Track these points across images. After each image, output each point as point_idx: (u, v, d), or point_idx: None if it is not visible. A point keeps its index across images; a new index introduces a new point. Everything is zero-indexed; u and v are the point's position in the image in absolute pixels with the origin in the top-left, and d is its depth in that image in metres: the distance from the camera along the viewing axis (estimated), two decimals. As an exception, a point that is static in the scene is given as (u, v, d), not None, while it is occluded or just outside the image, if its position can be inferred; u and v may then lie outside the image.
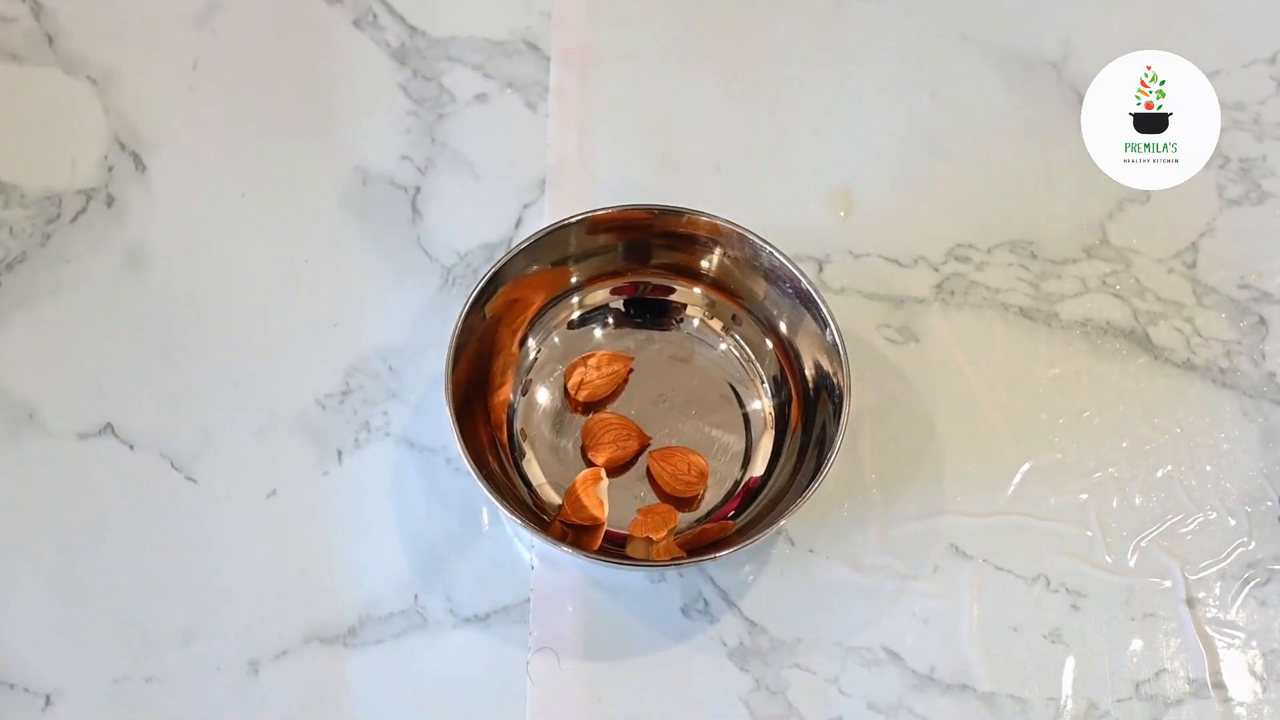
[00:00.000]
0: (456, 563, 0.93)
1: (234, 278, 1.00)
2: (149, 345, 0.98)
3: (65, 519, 0.93)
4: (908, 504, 0.95)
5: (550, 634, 0.91)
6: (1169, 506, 0.95)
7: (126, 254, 1.01)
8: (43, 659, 0.90)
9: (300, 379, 0.97)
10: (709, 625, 0.92)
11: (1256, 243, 1.03)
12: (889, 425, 0.97)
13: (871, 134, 1.06)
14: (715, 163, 1.04)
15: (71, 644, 0.90)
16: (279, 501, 0.94)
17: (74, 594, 0.91)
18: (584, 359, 0.96)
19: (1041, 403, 0.98)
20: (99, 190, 1.03)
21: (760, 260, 0.94)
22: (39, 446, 0.95)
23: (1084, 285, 1.01)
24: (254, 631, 0.91)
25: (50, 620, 0.91)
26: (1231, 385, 0.99)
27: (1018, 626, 0.92)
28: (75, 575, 0.92)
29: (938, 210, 1.04)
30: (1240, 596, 0.93)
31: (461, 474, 0.94)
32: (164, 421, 0.96)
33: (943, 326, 1.00)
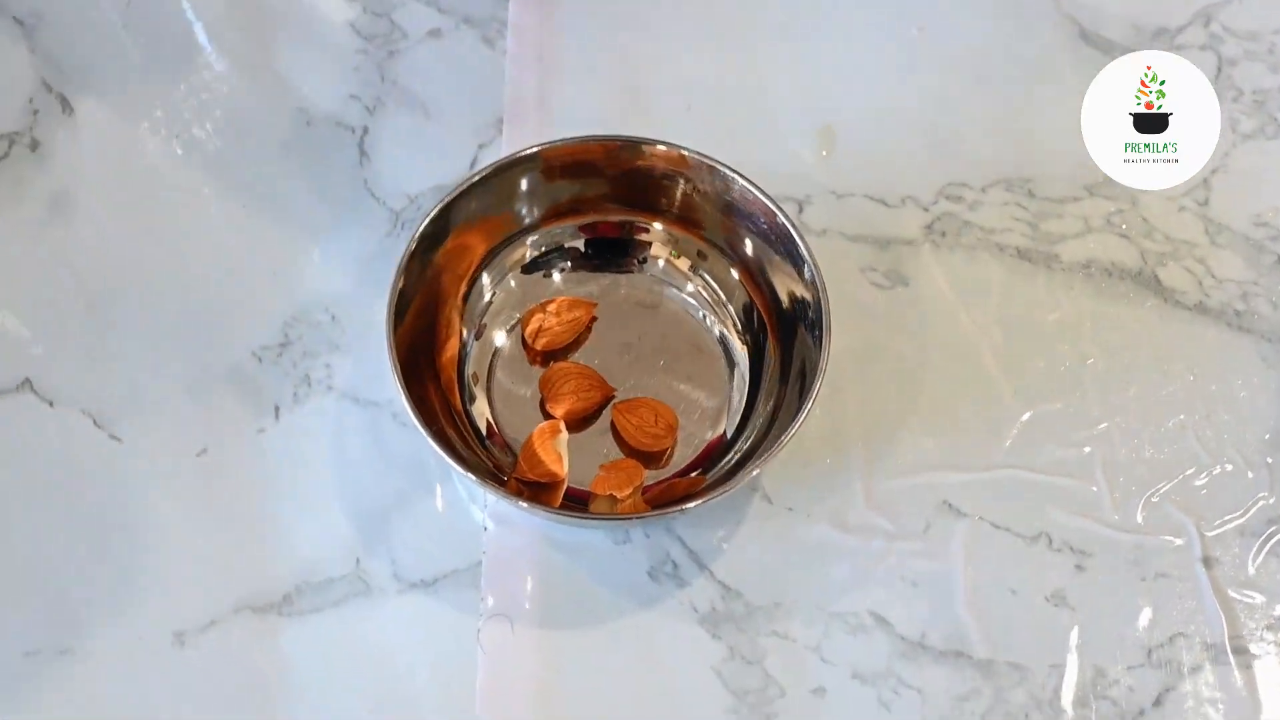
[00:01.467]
0: (402, 524, 0.86)
1: (164, 225, 0.94)
2: (71, 296, 0.91)
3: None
4: (896, 458, 0.88)
5: (504, 600, 0.84)
6: (1182, 459, 0.88)
7: (50, 200, 0.94)
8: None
9: (235, 330, 0.91)
10: (678, 589, 0.84)
11: (1272, 178, 0.97)
12: (875, 374, 0.90)
13: (856, 68, 1.00)
14: (686, 100, 0.98)
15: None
16: (210, 461, 0.87)
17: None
18: (542, 305, 0.89)
19: (1041, 349, 0.91)
20: (22, 134, 0.96)
21: (732, 194, 0.87)
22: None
23: (1086, 225, 0.95)
24: (180, 600, 0.83)
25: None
26: (1248, 328, 0.92)
27: (1017, 589, 0.85)
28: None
29: (927, 147, 0.97)
30: (1261, 554, 0.85)
31: (408, 429, 0.87)
32: (87, 377, 0.89)
33: (934, 270, 0.93)
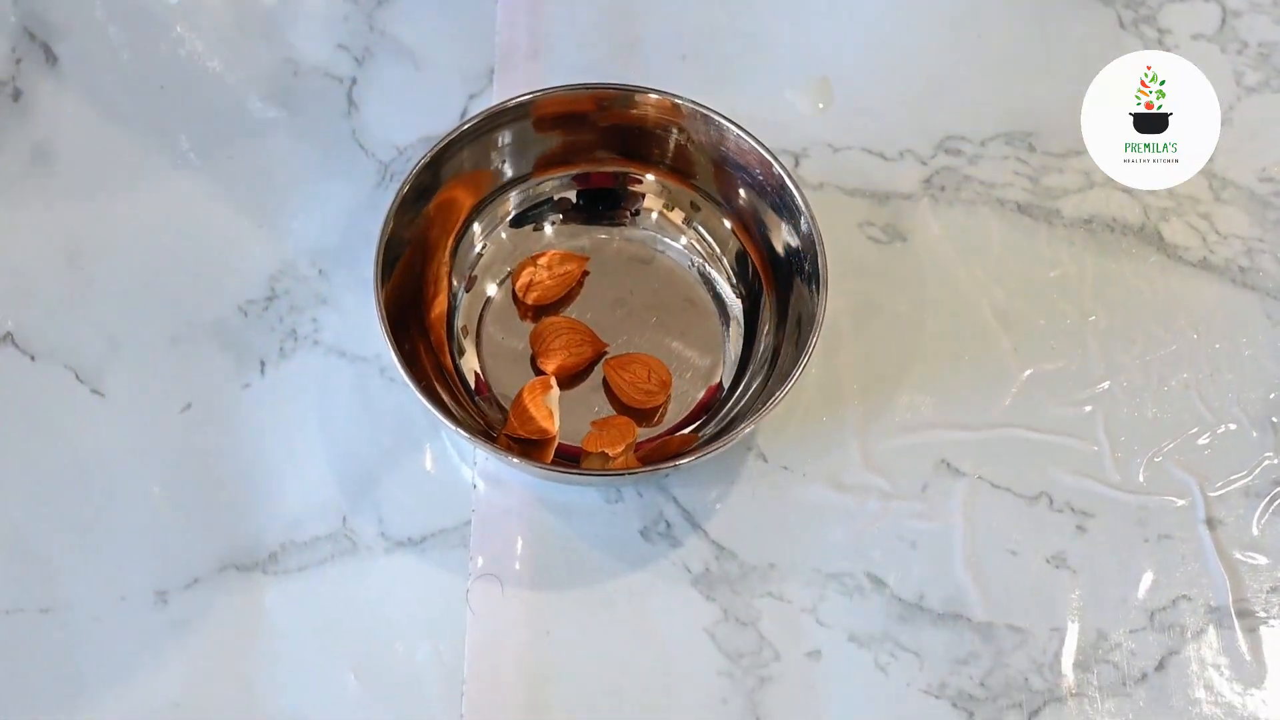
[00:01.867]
0: (390, 482, 0.84)
1: (148, 176, 0.91)
2: (53, 248, 0.89)
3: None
4: (893, 416, 0.86)
5: (493, 559, 0.82)
6: (1185, 418, 0.86)
7: (32, 151, 0.92)
8: (-75, 588, 0.81)
9: (220, 284, 0.89)
10: (671, 550, 0.83)
11: (1278, 132, 0.94)
12: (872, 331, 0.88)
13: (852, 18, 0.98)
14: (681, 49, 0.96)
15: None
16: (194, 416, 0.85)
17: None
18: (533, 258, 0.87)
19: (1042, 306, 0.89)
20: (5, 84, 0.94)
21: (727, 145, 0.85)
22: (-71, 358, 0.86)
23: (1088, 180, 0.93)
24: (163, 558, 0.82)
25: (-67, 545, 0.82)
26: (1253, 285, 0.90)
27: (1017, 550, 0.83)
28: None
29: (925, 100, 0.95)
30: (1266, 515, 0.84)
31: (397, 385, 0.85)
32: (68, 330, 0.87)
33: (932, 225, 0.91)
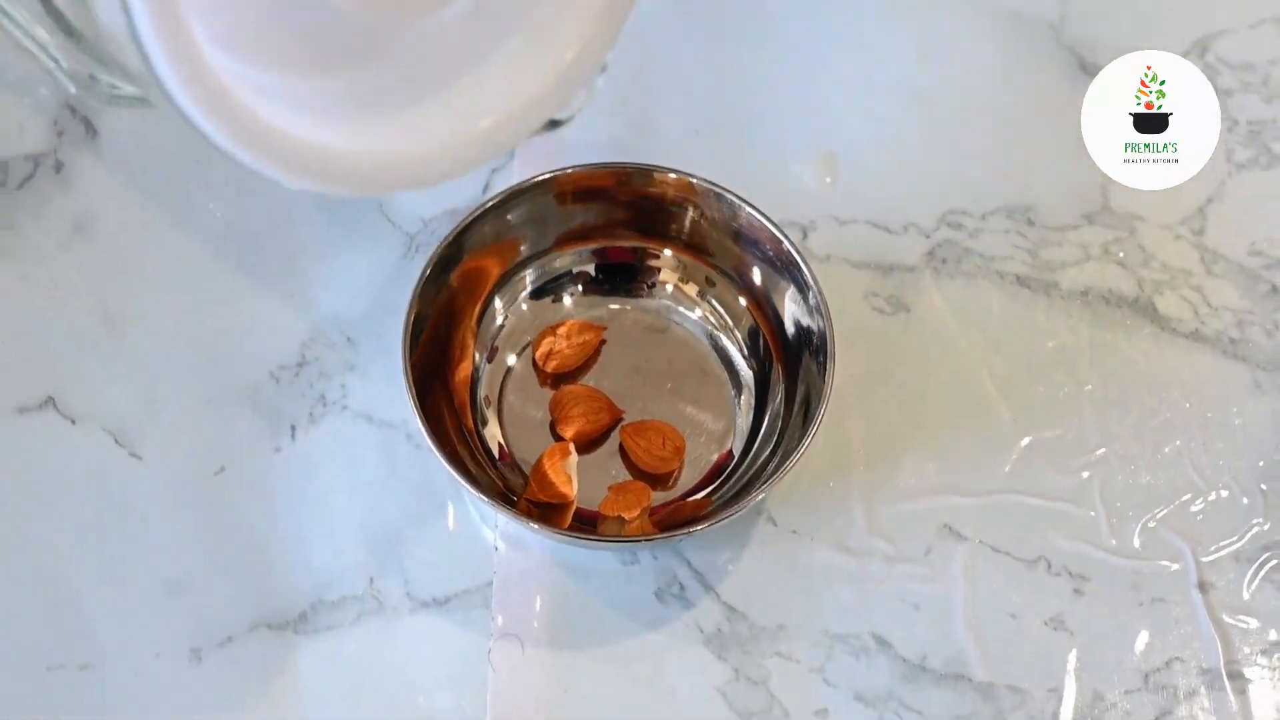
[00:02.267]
0: (415, 544, 0.87)
1: (184, 247, 0.95)
2: (93, 316, 0.93)
3: (1, 496, 0.88)
4: (897, 482, 0.89)
5: (514, 619, 0.85)
6: (1178, 485, 0.89)
7: (73, 221, 0.96)
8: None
9: (253, 351, 0.92)
10: (684, 611, 0.86)
11: (1268, 208, 0.98)
12: (877, 399, 0.91)
13: (858, 96, 1.01)
14: (694, 126, 0.99)
15: (3, 629, 0.85)
16: (227, 478, 0.89)
17: (6, 575, 0.86)
18: (553, 328, 0.91)
19: (1040, 375, 0.92)
20: (47, 156, 0.98)
21: (739, 221, 0.89)
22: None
23: (1085, 253, 0.96)
24: (198, 616, 0.85)
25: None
26: (1243, 357, 0.93)
27: (1016, 612, 0.86)
28: (9, 555, 0.86)
29: (929, 175, 0.98)
30: (1256, 580, 0.87)
31: (422, 450, 0.89)
32: (108, 396, 0.91)
33: (935, 296, 0.95)
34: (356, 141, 0.63)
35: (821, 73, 1.02)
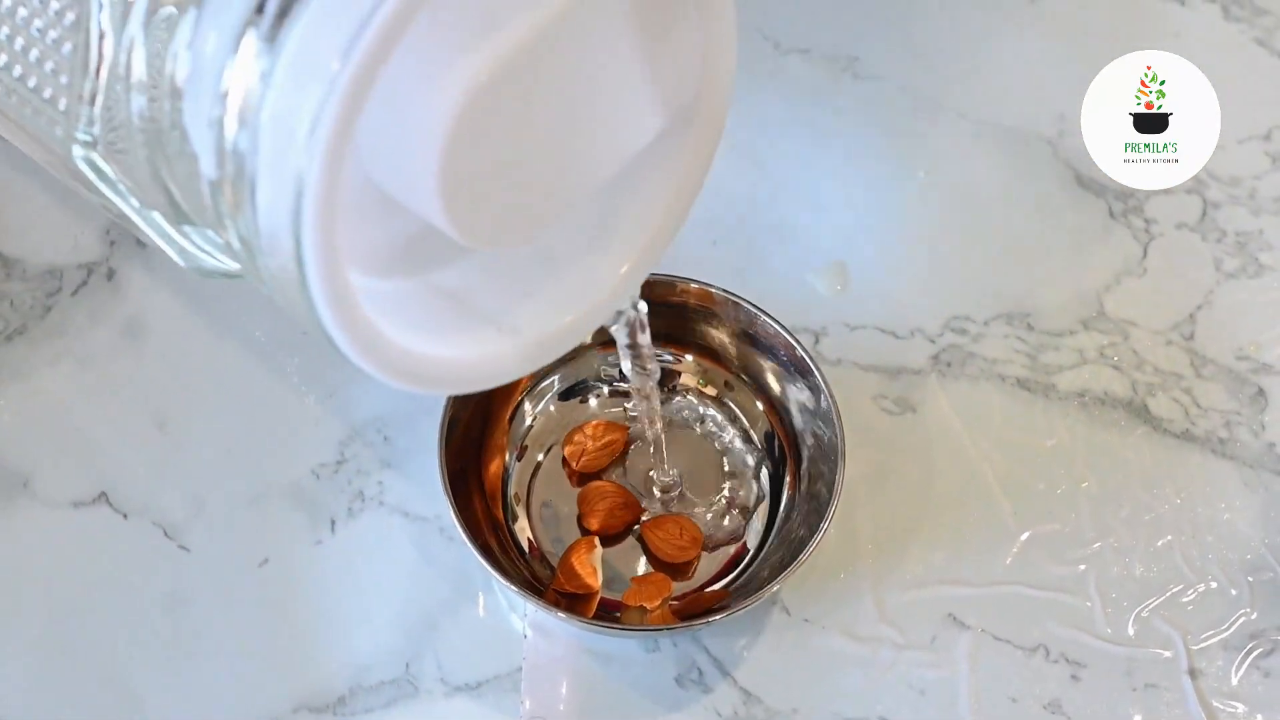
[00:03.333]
0: (449, 631, 0.92)
1: (229, 349, 1.00)
2: (143, 415, 0.98)
3: (57, 586, 0.93)
4: (904, 573, 0.94)
5: (542, 703, 0.90)
6: (1169, 576, 0.94)
7: (124, 326, 1.01)
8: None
9: (294, 448, 0.97)
10: (703, 695, 0.90)
11: (1254, 315, 1.02)
12: (885, 494, 0.96)
13: (867, 209, 1.06)
14: (711, 236, 1.05)
15: (58, 714, 0.89)
16: (271, 570, 0.93)
17: (62, 660, 0.91)
18: (580, 428, 0.96)
19: (1040, 472, 0.97)
20: (100, 264, 1.03)
21: (755, 329, 0.94)
22: (33, 515, 0.94)
23: (1081, 357, 1.01)
24: (243, 700, 0.90)
25: (37, 687, 0.90)
26: (1231, 456, 0.98)
27: (1016, 697, 0.90)
28: (65, 642, 0.91)
29: (934, 283, 1.03)
30: (1243, 668, 0.91)
31: (455, 543, 0.93)
32: (157, 491, 0.96)
33: (940, 397, 0.99)
34: (452, 348, 0.67)
35: (832, 188, 1.07)
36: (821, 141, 1.09)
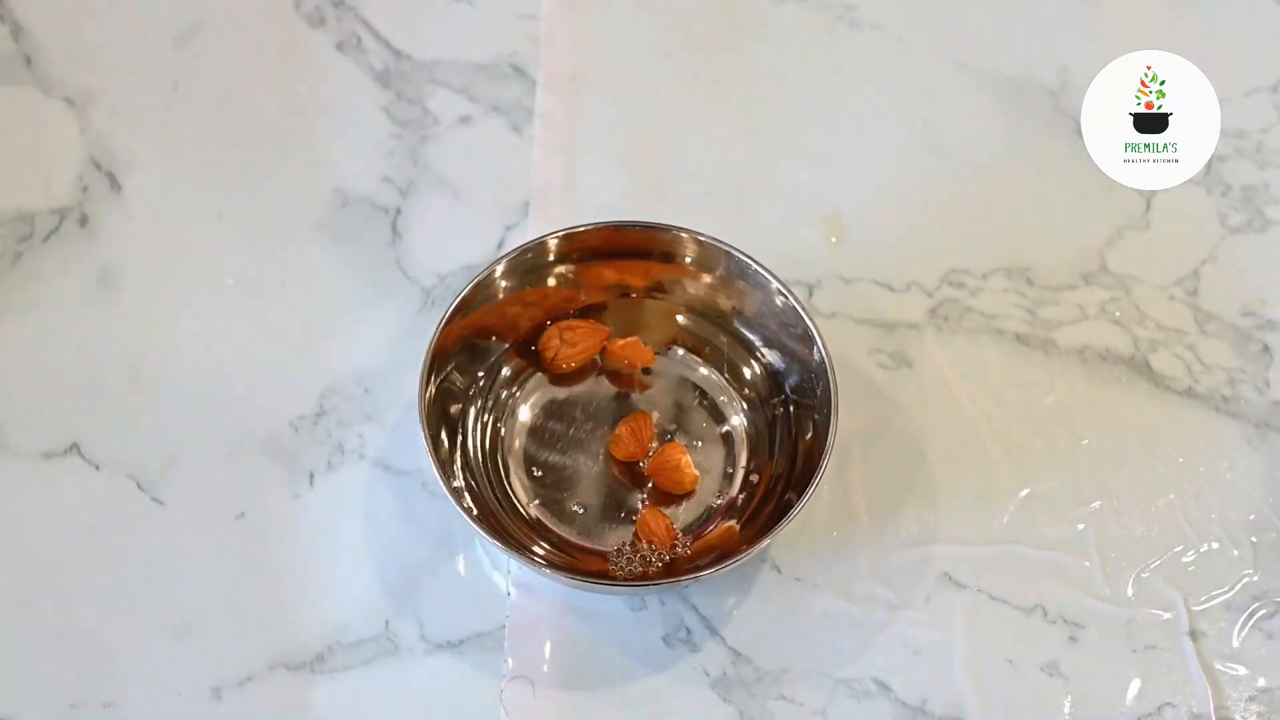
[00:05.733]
0: (430, 588, 0.90)
1: (207, 298, 0.98)
2: (118, 365, 0.95)
3: (26, 539, 0.90)
4: (899, 532, 0.91)
5: (526, 662, 0.88)
6: (1170, 537, 0.92)
7: (98, 274, 0.98)
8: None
9: (273, 401, 0.95)
10: (691, 654, 0.88)
11: (1260, 270, 1.00)
12: (880, 451, 0.94)
13: (863, 160, 1.04)
14: (704, 188, 1.02)
15: (28, 668, 0.87)
16: (247, 524, 0.91)
17: (32, 616, 0.88)
18: (559, 327, 0.93)
19: (1038, 430, 0.95)
20: (72, 210, 1.00)
21: (747, 279, 0.91)
22: (2, 466, 0.92)
23: (1082, 312, 0.99)
24: (218, 657, 0.88)
25: (5, 643, 0.87)
26: (1235, 414, 0.96)
27: (1013, 658, 0.88)
28: (34, 597, 0.89)
29: (931, 236, 1.01)
30: (1245, 629, 0.89)
31: (438, 498, 0.91)
32: (131, 442, 0.93)
33: (936, 352, 0.97)
34: None
35: (828, 138, 1.05)
36: (817, 91, 1.06)
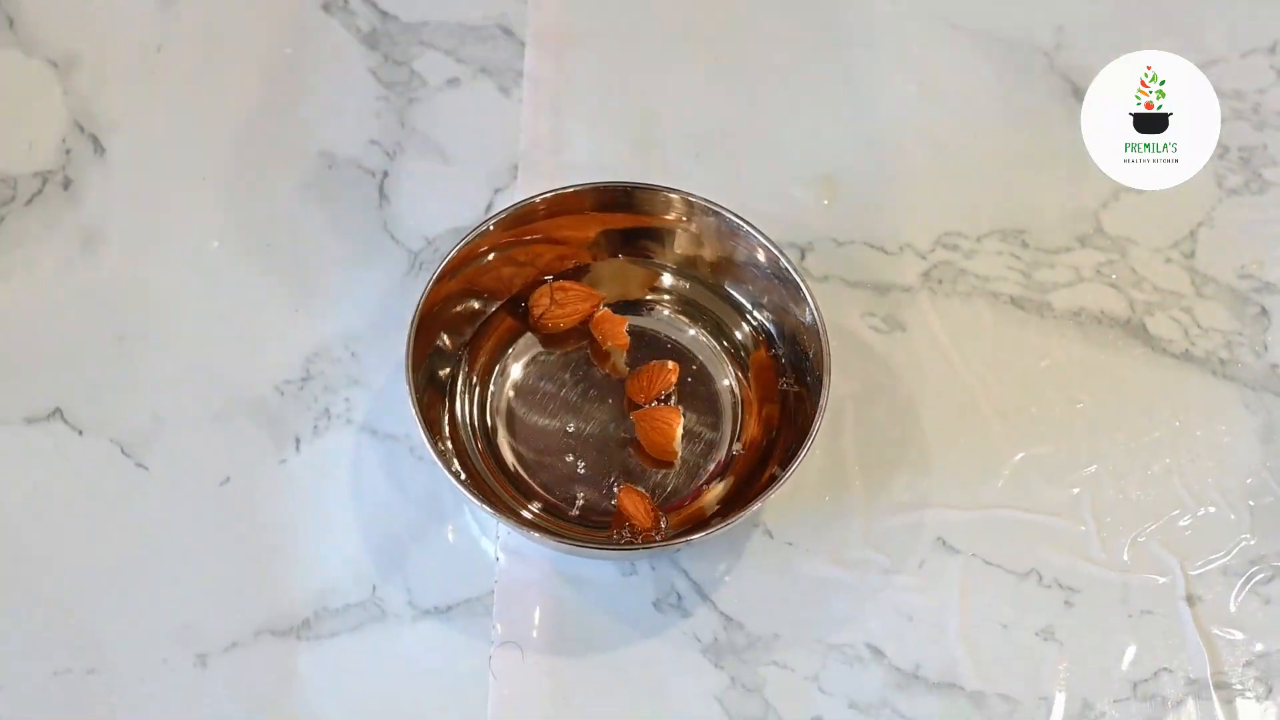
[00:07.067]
0: (418, 553, 0.89)
1: (192, 262, 0.97)
2: (101, 329, 0.94)
3: (8, 505, 0.89)
4: (892, 496, 0.90)
5: (515, 628, 0.87)
6: (1167, 501, 0.91)
7: (82, 237, 0.97)
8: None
9: (258, 365, 0.94)
10: (682, 620, 0.87)
11: (1257, 232, 0.99)
12: (873, 415, 0.93)
13: (856, 121, 1.03)
14: (694, 148, 1.01)
15: (11, 634, 0.86)
16: (233, 489, 0.90)
17: (15, 582, 0.87)
18: (549, 288, 0.92)
19: (1033, 394, 0.94)
20: (55, 173, 0.99)
21: (738, 240, 0.90)
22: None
23: (1078, 275, 0.97)
24: (203, 623, 0.87)
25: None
26: (1232, 377, 0.95)
27: (1008, 623, 0.87)
28: (17, 562, 0.88)
29: (925, 198, 1.00)
30: (1242, 594, 0.88)
31: (425, 462, 0.90)
32: (115, 407, 0.92)
33: (930, 315, 0.96)
34: None
35: (820, 98, 1.03)
36: (810, 51, 1.05)
